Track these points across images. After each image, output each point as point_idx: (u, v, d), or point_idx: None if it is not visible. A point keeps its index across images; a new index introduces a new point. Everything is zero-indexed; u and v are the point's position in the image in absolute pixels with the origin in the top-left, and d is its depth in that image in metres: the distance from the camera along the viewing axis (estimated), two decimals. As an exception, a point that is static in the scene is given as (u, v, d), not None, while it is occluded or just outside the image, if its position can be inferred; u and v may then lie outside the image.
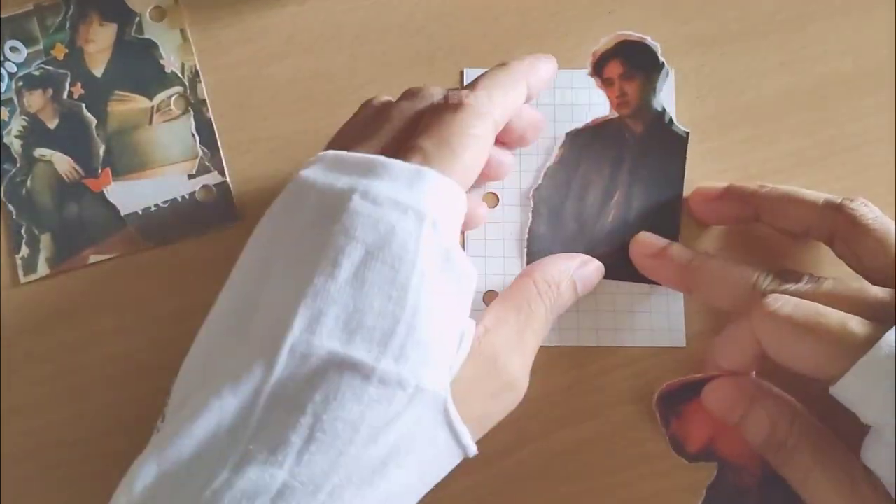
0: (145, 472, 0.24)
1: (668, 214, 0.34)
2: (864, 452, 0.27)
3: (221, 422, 0.24)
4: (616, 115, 0.35)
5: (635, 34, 0.35)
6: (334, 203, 0.26)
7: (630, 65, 0.35)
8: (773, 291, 0.29)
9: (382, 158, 0.26)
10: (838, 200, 0.30)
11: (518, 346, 0.29)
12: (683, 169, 0.34)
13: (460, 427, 0.26)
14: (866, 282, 0.28)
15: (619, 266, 0.33)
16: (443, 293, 0.26)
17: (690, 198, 0.34)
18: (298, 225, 0.26)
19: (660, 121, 0.35)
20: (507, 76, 0.30)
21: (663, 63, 0.34)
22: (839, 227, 0.30)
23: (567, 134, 0.35)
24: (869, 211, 0.30)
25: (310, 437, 0.23)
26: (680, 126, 0.34)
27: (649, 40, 0.34)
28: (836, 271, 0.31)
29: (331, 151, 0.27)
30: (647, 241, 0.33)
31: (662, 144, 0.34)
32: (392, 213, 0.25)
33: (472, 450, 0.27)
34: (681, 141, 0.34)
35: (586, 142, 0.35)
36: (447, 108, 0.28)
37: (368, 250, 0.25)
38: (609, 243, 0.34)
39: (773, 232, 0.33)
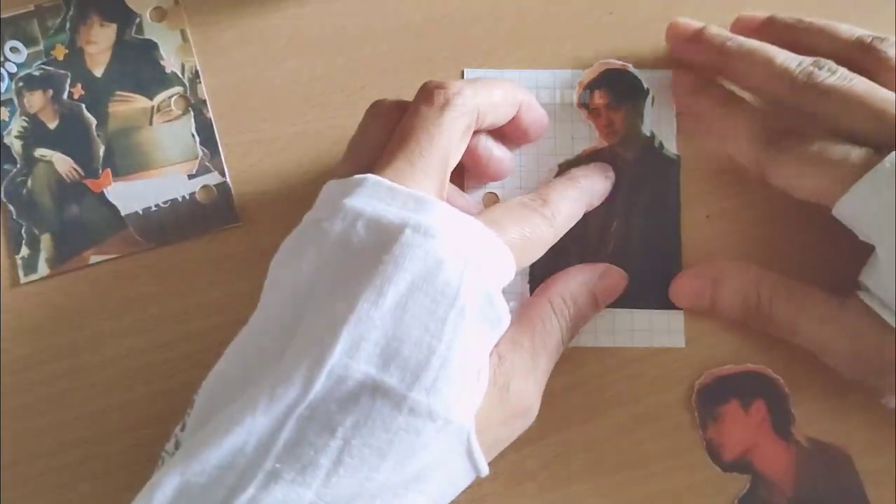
0: (167, 484, 0.23)
1: (668, 239, 0.34)
2: (864, 276, 0.30)
3: (250, 438, 0.24)
4: (605, 144, 0.35)
5: (617, 62, 0.35)
6: (386, 234, 0.26)
7: (615, 94, 0.35)
8: (808, 76, 0.30)
9: (431, 198, 0.27)
10: (869, 39, 0.31)
11: (531, 372, 0.29)
12: (678, 193, 0.34)
13: (479, 456, 0.27)
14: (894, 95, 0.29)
15: (625, 294, 0.33)
16: (478, 333, 0.26)
17: (732, 25, 0.35)
18: (346, 252, 0.26)
19: (650, 146, 0.35)
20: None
21: (648, 89, 0.35)
22: (866, 66, 0.31)
23: (559, 165, 0.35)
24: None
25: (338, 460, 0.24)
26: (670, 150, 0.35)
27: (631, 67, 0.35)
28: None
29: (371, 177, 0.27)
30: (682, 24, 0.34)
31: (655, 170, 0.34)
32: (441, 249, 0.26)
33: (486, 471, 0.28)
34: (672, 164, 0.35)
35: None
36: (526, 205, 0.30)
37: (414, 281, 0.25)
38: None
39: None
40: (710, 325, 0.33)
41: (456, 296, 0.25)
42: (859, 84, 0.29)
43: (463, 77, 0.36)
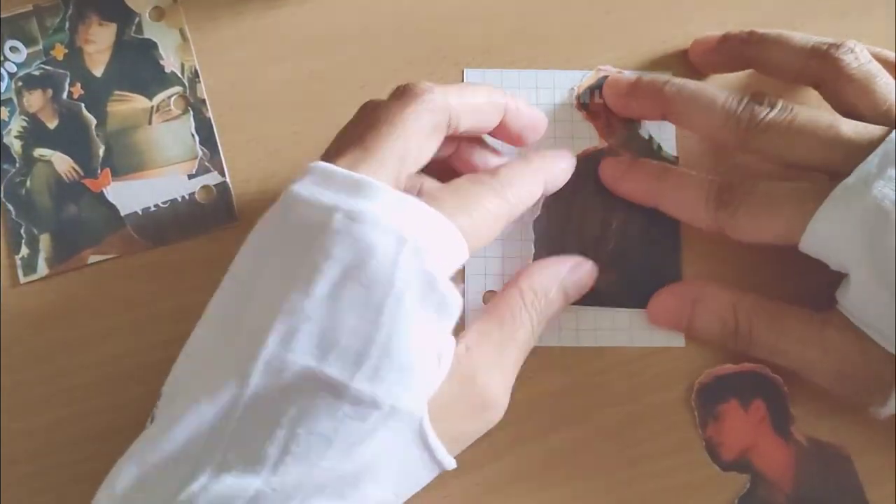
0: (126, 473, 0.24)
1: (668, 238, 0.34)
2: (839, 295, 0.30)
3: (200, 428, 0.24)
4: (605, 144, 0.35)
5: (613, 69, 0.35)
6: (318, 220, 0.25)
7: None
8: (750, 118, 0.30)
9: (370, 180, 0.26)
10: (825, 47, 0.31)
11: (499, 364, 0.29)
12: None
13: (436, 445, 0.27)
14: (839, 117, 0.29)
15: (624, 293, 0.33)
16: (423, 319, 0.26)
17: (690, 48, 0.35)
18: (283, 240, 0.26)
19: (648, 147, 0.35)
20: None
21: None
22: (824, 75, 0.31)
23: None
24: (853, 59, 0.30)
25: (285, 448, 0.24)
26: (668, 152, 0.35)
27: (627, 74, 0.35)
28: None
29: (321, 164, 0.27)
30: (617, 81, 0.34)
31: None
32: (372, 234, 0.25)
33: (450, 464, 0.27)
34: (671, 165, 0.35)
35: (580, 172, 0.34)
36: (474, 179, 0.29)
37: (346, 270, 0.25)
38: (611, 271, 0.34)
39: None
40: (710, 324, 0.33)
41: (391, 282, 0.25)
42: (801, 114, 0.29)
43: (463, 77, 0.36)
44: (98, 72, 0.36)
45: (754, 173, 0.34)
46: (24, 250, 0.34)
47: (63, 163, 0.35)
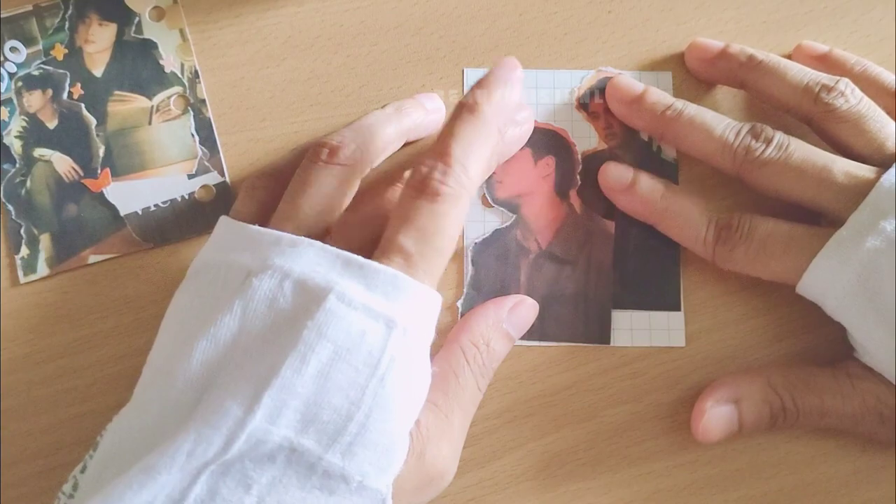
0: None
1: (668, 239, 0.34)
2: (854, 352, 0.30)
3: (160, 493, 0.24)
4: (605, 146, 0.35)
5: (613, 70, 0.35)
6: (310, 299, 0.26)
7: None
8: (746, 152, 0.30)
9: (361, 260, 0.26)
10: (816, 88, 0.31)
11: (446, 434, 0.29)
12: None
13: None
14: (833, 158, 0.30)
15: (626, 295, 0.34)
16: (401, 399, 0.26)
17: (686, 51, 0.35)
18: (271, 312, 0.26)
19: (647, 150, 0.35)
20: (478, 131, 0.28)
21: None
22: (815, 115, 0.31)
23: None
24: (843, 102, 0.31)
25: None
26: (668, 155, 0.35)
27: (627, 75, 0.35)
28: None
29: (305, 240, 0.27)
30: (622, 87, 0.34)
31: (654, 172, 0.34)
32: (364, 320, 0.26)
33: None
34: (671, 168, 0.35)
35: (581, 172, 0.34)
36: (423, 195, 0.27)
37: (337, 350, 0.25)
38: (612, 272, 0.34)
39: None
40: (710, 323, 0.33)
41: (377, 364, 0.25)
42: (796, 152, 0.30)
43: (463, 77, 0.36)
44: (98, 72, 0.36)
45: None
46: (25, 250, 0.34)
47: (63, 163, 0.35)
